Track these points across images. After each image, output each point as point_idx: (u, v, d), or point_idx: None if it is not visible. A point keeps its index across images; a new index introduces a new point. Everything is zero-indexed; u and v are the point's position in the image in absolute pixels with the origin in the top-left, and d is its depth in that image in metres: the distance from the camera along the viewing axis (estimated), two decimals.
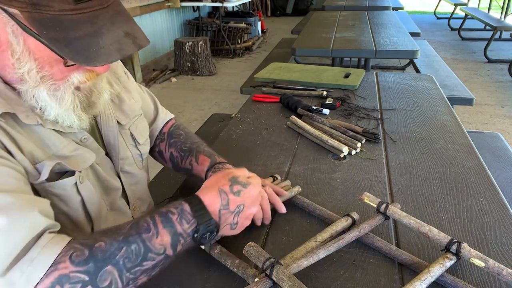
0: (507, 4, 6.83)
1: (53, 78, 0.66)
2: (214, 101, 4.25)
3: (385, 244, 0.76)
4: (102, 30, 0.60)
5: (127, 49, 0.62)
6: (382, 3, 4.91)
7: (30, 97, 0.67)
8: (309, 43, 2.78)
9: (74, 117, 0.71)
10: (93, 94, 0.73)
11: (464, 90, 2.80)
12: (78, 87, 0.70)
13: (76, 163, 0.73)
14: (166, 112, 1.09)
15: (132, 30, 0.64)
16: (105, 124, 0.84)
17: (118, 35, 0.62)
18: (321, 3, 6.22)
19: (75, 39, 0.58)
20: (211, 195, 0.69)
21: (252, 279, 0.66)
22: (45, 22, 0.58)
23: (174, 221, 0.64)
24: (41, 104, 0.67)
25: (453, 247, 0.69)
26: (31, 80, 0.64)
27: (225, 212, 0.69)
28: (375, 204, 0.80)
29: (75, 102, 0.70)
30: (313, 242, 0.73)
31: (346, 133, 1.23)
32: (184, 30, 6.29)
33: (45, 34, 0.58)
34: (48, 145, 0.70)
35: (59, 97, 0.68)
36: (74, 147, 0.74)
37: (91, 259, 0.57)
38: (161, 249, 0.62)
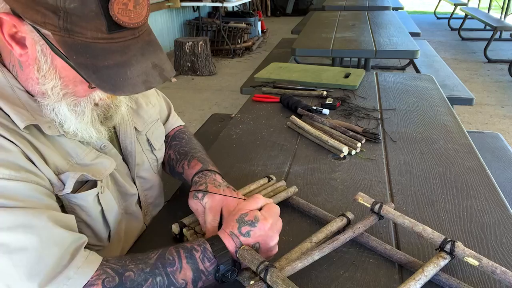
0: (507, 4, 6.83)
1: (75, 95, 0.67)
2: (214, 101, 4.25)
3: (380, 243, 0.76)
4: (132, 61, 0.61)
5: (153, 82, 0.63)
6: (382, 3, 4.91)
7: (50, 110, 0.67)
8: (309, 43, 2.78)
9: (93, 131, 0.72)
10: (110, 110, 0.74)
11: (464, 90, 2.80)
12: (97, 103, 0.71)
13: (98, 171, 0.74)
14: (177, 119, 1.10)
15: (160, 61, 0.65)
16: (123, 131, 0.85)
17: (146, 67, 0.62)
18: (321, 3, 6.22)
19: (104, 67, 0.59)
20: (225, 238, 0.69)
21: (248, 281, 0.66)
22: (76, 47, 0.58)
23: (197, 258, 0.66)
24: (60, 118, 0.68)
25: (447, 246, 0.69)
26: (53, 96, 0.65)
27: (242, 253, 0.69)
28: (369, 204, 0.80)
29: (93, 116, 0.71)
30: (308, 243, 0.73)
31: (346, 133, 1.24)
32: (184, 30, 6.29)
33: (74, 59, 0.59)
34: (71, 154, 0.71)
35: (78, 112, 0.68)
36: (95, 155, 0.75)
37: (121, 287, 0.60)
38: (183, 284, 0.64)
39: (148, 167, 0.92)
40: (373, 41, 2.68)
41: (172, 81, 4.96)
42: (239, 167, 1.09)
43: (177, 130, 1.07)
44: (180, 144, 1.01)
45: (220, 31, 6.03)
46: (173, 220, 0.81)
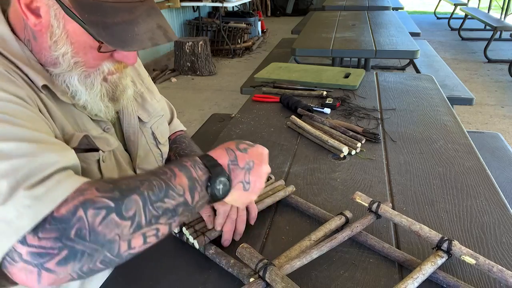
0: (507, 4, 6.83)
1: (86, 65, 0.69)
2: (214, 101, 4.25)
3: (378, 242, 0.76)
4: (138, 20, 0.65)
5: (159, 39, 0.66)
6: (382, 3, 4.91)
7: (62, 81, 0.70)
8: (309, 43, 2.78)
9: (102, 105, 0.74)
10: (118, 89, 0.77)
11: (464, 90, 2.80)
12: (106, 78, 0.73)
13: (102, 144, 0.77)
14: (179, 124, 1.12)
15: (164, 24, 0.68)
16: (127, 121, 0.87)
17: (152, 26, 0.66)
18: (321, 3, 6.22)
19: (113, 24, 0.62)
20: (218, 152, 0.67)
21: (248, 279, 0.66)
22: (87, 6, 0.62)
23: (189, 166, 0.63)
24: (72, 89, 0.71)
25: (444, 245, 0.69)
26: (64, 63, 0.68)
27: (234, 167, 0.66)
28: (366, 204, 0.80)
29: (102, 91, 0.73)
30: (307, 241, 0.73)
31: (346, 133, 1.24)
32: (184, 30, 6.29)
33: (86, 18, 0.62)
34: (78, 124, 0.74)
35: (88, 84, 0.71)
36: (100, 131, 0.78)
37: (117, 188, 0.56)
38: (180, 190, 0.60)
39: (153, 160, 0.92)
40: (373, 41, 2.68)
41: (172, 81, 4.96)
42: None
43: (178, 134, 1.08)
44: (180, 147, 1.02)
45: (220, 31, 6.03)
46: None
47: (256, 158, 0.69)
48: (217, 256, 0.73)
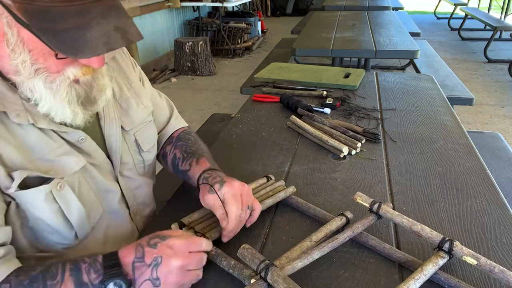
0: (507, 4, 6.83)
1: (48, 71, 0.66)
2: (214, 101, 4.25)
3: (379, 242, 0.76)
4: (91, 23, 0.60)
5: (115, 44, 0.62)
6: (382, 3, 4.91)
7: (26, 88, 0.67)
8: (309, 43, 2.78)
9: (68, 111, 0.70)
10: (93, 90, 0.73)
11: (464, 90, 2.80)
12: (77, 80, 0.69)
13: (61, 169, 0.71)
14: (180, 120, 1.09)
15: (123, 25, 0.63)
16: (108, 128, 0.83)
17: (108, 29, 0.61)
18: (321, 3, 6.22)
19: (62, 30, 0.59)
20: (127, 248, 0.67)
21: (248, 280, 0.66)
22: (35, 13, 0.58)
23: (83, 269, 0.63)
24: (36, 96, 0.67)
25: (445, 245, 0.69)
26: (25, 71, 0.65)
27: (139, 265, 0.64)
28: (367, 204, 0.80)
29: (71, 95, 0.69)
30: (308, 242, 0.73)
31: (346, 133, 1.24)
32: (184, 30, 6.29)
33: (35, 25, 0.59)
34: (33, 148, 0.69)
35: (54, 89, 0.67)
36: (61, 152, 0.72)
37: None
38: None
39: (132, 167, 0.90)
40: (373, 41, 2.68)
41: (172, 81, 4.96)
42: (239, 167, 1.09)
43: (182, 131, 1.06)
44: (186, 144, 1.00)
45: (220, 31, 6.03)
46: (173, 219, 0.81)
47: (165, 252, 0.65)
48: (218, 257, 0.72)
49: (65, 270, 0.63)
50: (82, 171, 0.76)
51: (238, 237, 0.80)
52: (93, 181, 0.79)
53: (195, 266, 0.67)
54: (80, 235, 0.76)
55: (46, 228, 0.71)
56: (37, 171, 0.68)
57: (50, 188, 0.69)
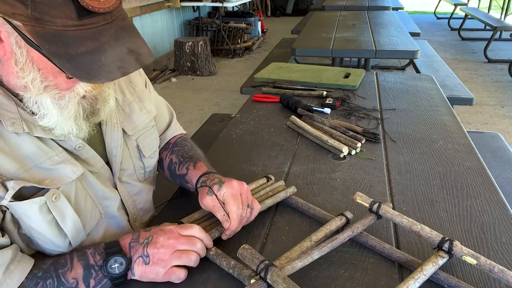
0: (507, 4, 6.83)
1: (58, 88, 0.66)
2: (214, 101, 4.25)
3: (378, 242, 0.76)
4: (105, 47, 0.60)
5: (129, 68, 0.62)
6: (382, 3, 4.91)
7: (33, 103, 0.66)
8: (309, 43, 2.79)
9: (74, 126, 0.70)
10: (98, 102, 0.73)
11: (464, 90, 2.80)
12: (84, 95, 0.69)
13: (57, 178, 0.70)
14: (179, 127, 1.09)
15: (136, 46, 0.63)
16: (109, 134, 0.82)
17: (121, 52, 0.61)
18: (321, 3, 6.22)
19: (76, 55, 0.58)
20: (126, 235, 0.73)
21: (248, 280, 0.66)
22: (47, 36, 0.58)
23: (88, 254, 0.69)
24: (42, 111, 0.67)
25: (445, 245, 0.69)
26: (34, 89, 0.64)
27: (134, 244, 0.70)
28: (367, 204, 0.80)
29: (78, 111, 0.69)
30: (308, 242, 0.73)
31: (346, 133, 1.24)
32: (184, 30, 6.29)
33: (47, 49, 0.58)
34: (29, 157, 0.68)
35: (62, 106, 0.67)
36: (59, 160, 0.71)
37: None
38: (73, 283, 0.66)
39: (131, 173, 0.88)
40: (373, 41, 2.68)
41: (172, 81, 4.96)
42: (239, 167, 1.09)
43: (179, 137, 1.06)
44: (183, 149, 0.99)
45: (220, 31, 6.03)
46: (173, 220, 0.81)
47: (157, 233, 0.71)
48: (217, 257, 0.72)
49: (73, 258, 0.68)
50: (80, 178, 0.75)
51: (238, 237, 0.80)
52: (91, 188, 0.78)
53: (186, 246, 0.70)
54: (75, 243, 0.76)
55: (39, 237, 0.71)
56: (32, 181, 0.67)
57: (45, 200, 0.68)
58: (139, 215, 0.92)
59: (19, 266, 0.65)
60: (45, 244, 0.72)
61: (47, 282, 0.65)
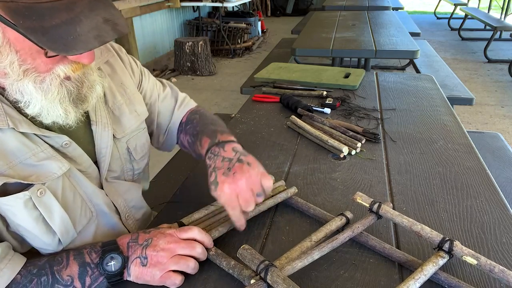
0: (507, 4, 6.83)
1: (37, 71, 0.64)
2: (214, 101, 4.25)
3: (379, 242, 0.76)
4: (80, 17, 0.59)
5: (106, 36, 0.60)
6: (382, 3, 4.91)
7: (16, 91, 0.65)
8: (309, 43, 2.78)
9: (60, 110, 0.68)
10: (84, 86, 0.71)
11: (464, 90, 2.80)
12: (68, 77, 0.68)
13: (42, 174, 0.70)
14: (186, 104, 1.06)
15: (112, 16, 0.62)
16: (100, 133, 0.81)
17: (97, 22, 0.60)
18: (321, 3, 6.22)
19: (51, 27, 0.57)
20: (124, 235, 0.74)
21: (248, 280, 0.66)
22: (21, 11, 0.56)
23: (85, 253, 0.69)
24: (26, 98, 0.66)
25: (445, 245, 0.69)
26: (13, 73, 0.63)
27: (133, 244, 0.71)
28: (367, 204, 0.80)
29: (62, 93, 0.67)
30: (308, 242, 0.73)
31: (346, 133, 1.24)
32: (184, 30, 6.29)
33: (21, 24, 0.56)
34: (14, 153, 0.67)
35: (45, 88, 0.66)
36: (44, 156, 0.70)
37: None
38: (68, 280, 0.66)
39: (119, 174, 0.88)
40: (373, 41, 2.68)
41: (172, 81, 4.96)
42: None
43: (189, 113, 1.04)
44: (192, 125, 0.98)
45: (220, 31, 6.03)
46: (173, 220, 0.81)
47: (156, 235, 0.71)
48: (217, 258, 0.72)
49: (69, 256, 0.69)
50: (67, 175, 0.74)
51: (238, 237, 0.80)
52: (80, 186, 0.77)
53: (186, 250, 0.70)
54: (65, 241, 0.74)
55: (27, 234, 0.70)
56: (17, 177, 0.66)
57: (29, 195, 0.67)
58: (131, 213, 0.91)
59: (9, 264, 0.65)
60: (34, 242, 0.72)
61: (41, 279, 0.65)
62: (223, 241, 0.79)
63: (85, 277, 0.66)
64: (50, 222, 0.71)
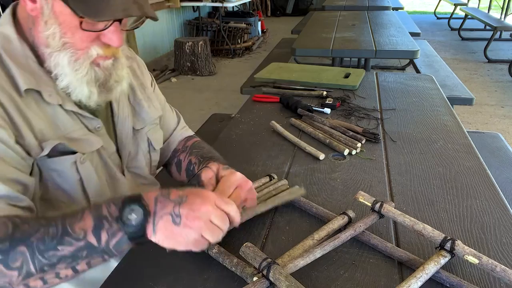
0: (507, 4, 6.83)
1: (74, 47, 0.72)
2: (214, 101, 4.25)
3: (381, 241, 0.76)
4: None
5: (132, 11, 0.69)
6: (382, 3, 4.91)
7: (52, 62, 0.72)
8: (309, 43, 2.78)
9: (85, 89, 0.75)
10: (112, 78, 0.78)
11: (464, 90, 2.80)
12: (98, 63, 0.75)
13: (82, 146, 0.78)
14: (187, 129, 1.10)
15: (141, 1, 0.71)
16: (121, 123, 0.88)
17: (127, 1, 0.68)
18: (321, 3, 6.22)
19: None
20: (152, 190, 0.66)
21: (251, 278, 0.66)
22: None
23: (102, 205, 0.62)
24: (57, 70, 0.73)
25: (447, 244, 0.69)
26: (54, 43, 0.71)
27: (162, 199, 0.63)
28: (369, 203, 0.80)
29: (90, 75, 0.74)
30: (310, 240, 0.73)
31: (346, 133, 1.24)
32: (184, 30, 6.29)
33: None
34: (59, 127, 0.76)
35: (77, 67, 0.73)
36: (84, 132, 0.79)
37: (8, 238, 0.59)
38: (80, 233, 0.59)
39: (141, 165, 0.94)
40: (373, 41, 2.68)
41: (172, 81, 4.96)
42: (239, 168, 1.09)
43: (195, 141, 1.06)
44: (202, 151, 1.00)
45: (220, 31, 6.03)
46: None
47: (191, 194, 0.64)
48: (220, 255, 0.73)
49: (85, 209, 0.63)
50: (98, 154, 0.82)
51: (238, 238, 0.80)
52: (106, 167, 0.85)
53: (218, 222, 0.64)
54: None
55: (63, 199, 0.76)
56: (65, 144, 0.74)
57: (75, 159, 0.76)
58: None
59: None
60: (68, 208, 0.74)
61: (49, 230, 0.59)
62: (224, 241, 0.79)
63: (100, 231, 0.60)
64: (86, 188, 0.79)
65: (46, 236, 0.59)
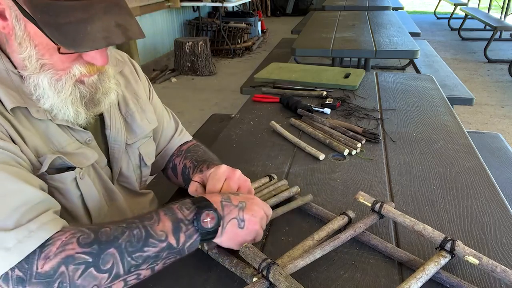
0: (507, 4, 6.83)
1: (54, 68, 0.68)
2: (214, 101, 4.25)
3: (381, 242, 0.76)
4: (93, 18, 0.62)
5: (114, 38, 0.63)
6: (382, 3, 4.91)
7: (31, 83, 0.69)
8: (309, 43, 2.78)
9: (71, 110, 0.71)
10: (98, 92, 0.75)
11: (464, 90, 2.80)
12: (82, 81, 0.71)
13: (79, 160, 0.75)
14: (185, 134, 1.08)
15: (125, 22, 0.65)
16: (114, 138, 0.85)
17: (108, 25, 0.63)
18: (321, 3, 6.22)
19: (65, 24, 0.60)
20: (210, 194, 0.72)
21: (251, 278, 0.66)
22: (40, 6, 0.60)
23: (175, 209, 0.66)
24: (39, 92, 0.69)
25: (447, 245, 0.69)
26: (31, 66, 0.67)
27: (227, 204, 0.70)
28: (369, 203, 0.80)
29: (75, 95, 0.71)
30: (310, 240, 0.73)
31: (346, 133, 1.23)
32: (184, 30, 6.29)
33: (39, 18, 0.60)
34: (52, 142, 0.73)
35: (59, 87, 0.69)
36: (77, 146, 0.76)
37: (96, 242, 0.59)
38: (162, 235, 0.63)
39: (133, 181, 0.92)
40: (373, 41, 2.68)
41: (172, 81, 4.96)
42: (239, 168, 1.08)
43: (191, 144, 1.05)
44: (196, 154, 1.00)
45: (220, 31, 6.03)
46: None
47: (248, 199, 0.73)
48: (220, 256, 0.73)
49: (159, 212, 0.66)
50: (94, 168, 0.80)
51: None
52: (102, 180, 0.83)
53: (264, 225, 0.74)
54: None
55: (66, 217, 0.73)
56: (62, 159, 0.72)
57: (75, 175, 0.74)
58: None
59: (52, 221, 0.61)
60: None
61: (134, 232, 0.62)
62: None
63: (179, 233, 0.64)
64: (88, 203, 0.77)
65: (132, 238, 0.61)
